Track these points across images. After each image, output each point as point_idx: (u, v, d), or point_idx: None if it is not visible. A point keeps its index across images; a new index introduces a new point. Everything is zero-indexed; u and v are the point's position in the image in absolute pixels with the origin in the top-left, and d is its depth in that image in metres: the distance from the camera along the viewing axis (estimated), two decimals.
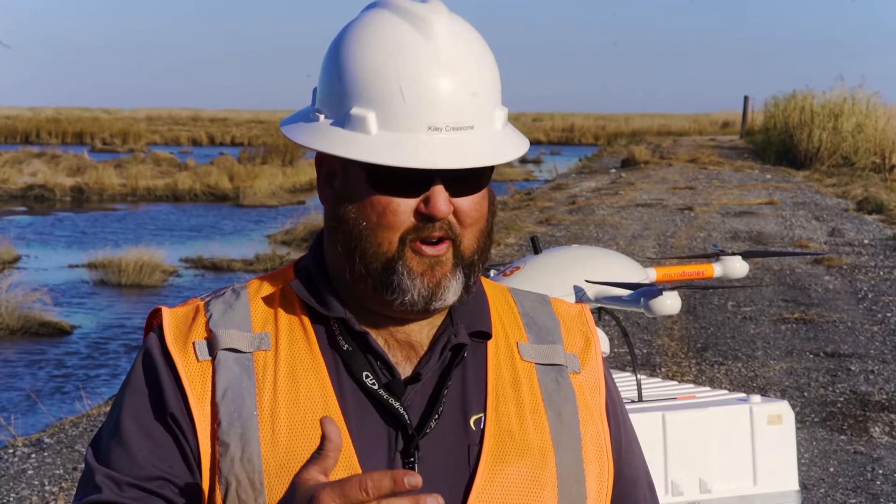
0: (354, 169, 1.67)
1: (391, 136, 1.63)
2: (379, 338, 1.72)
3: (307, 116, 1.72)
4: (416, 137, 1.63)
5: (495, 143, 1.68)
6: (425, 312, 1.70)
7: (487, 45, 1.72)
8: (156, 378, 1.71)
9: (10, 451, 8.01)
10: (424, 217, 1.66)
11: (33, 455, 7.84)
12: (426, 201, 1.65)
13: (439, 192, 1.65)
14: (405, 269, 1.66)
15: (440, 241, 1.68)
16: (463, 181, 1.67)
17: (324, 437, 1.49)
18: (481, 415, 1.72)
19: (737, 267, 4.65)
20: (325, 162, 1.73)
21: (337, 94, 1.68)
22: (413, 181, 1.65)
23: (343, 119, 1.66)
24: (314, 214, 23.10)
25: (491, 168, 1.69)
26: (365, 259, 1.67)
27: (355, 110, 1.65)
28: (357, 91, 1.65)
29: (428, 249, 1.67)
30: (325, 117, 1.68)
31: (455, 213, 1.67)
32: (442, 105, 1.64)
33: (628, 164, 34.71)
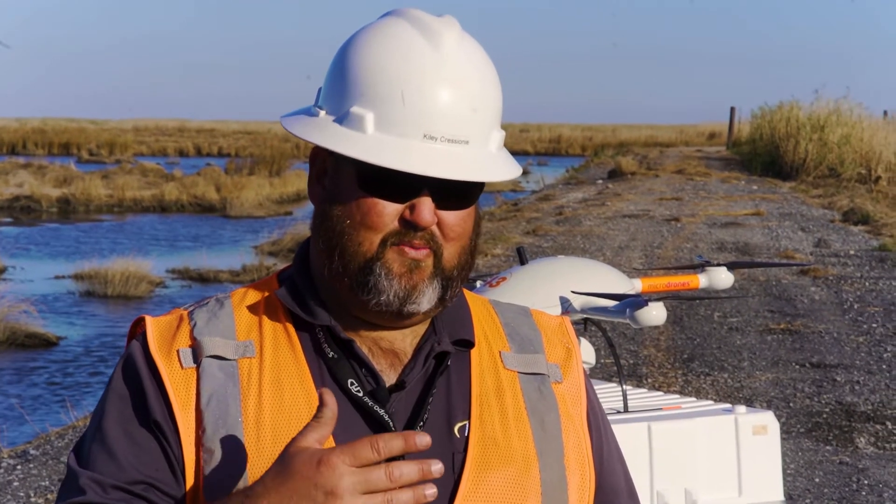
0: (346, 167, 1.69)
1: (386, 139, 1.65)
2: (363, 346, 1.73)
3: (308, 111, 1.73)
4: (410, 143, 1.65)
5: (487, 162, 1.69)
6: (399, 316, 1.70)
7: (493, 67, 1.74)
8: (139, 384, 1.71)
9: None
10: (408, 224, 1.67)
11: (19, 467, 7.82)
12: (412, 208, 1.67)
13: (425, 202, 1.66)
14: (383, 269, 1.68)
15: (422, 247, 1.69)
16: (450, 195, 1.68)
17: (321, 405, 1.52)
18: (465, 422, 1.73)
19: (722, 278, 4.67)
20: (319, 159, 1.75)
21: (339, 92, 1.69)
22: (402, 187, 1.66)
23: (342, 116, 1.68)
24: (301, 225, 23.09)
25: (480, 187, 1.71)
26: (344, 257, 1.69)
27: (355, 109, 1.66)
28: (359, 90, 1.67)
29: (410, 251, 1.68)
30: (326, 113, 1.70)
31: (439, 225, 1.69)
32: (440, 115, 1.65)
33: (615, 174, 34.77)
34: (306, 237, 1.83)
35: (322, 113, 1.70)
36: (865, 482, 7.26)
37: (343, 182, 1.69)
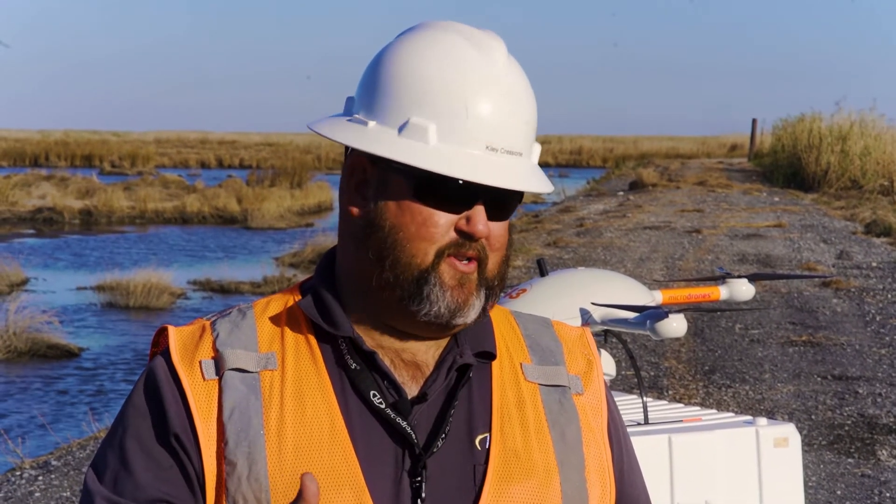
0: (396, 177, 1.69)
1: (450, 149, 1.66)
2: (385, 357, 1.74)
3: (350, 119, 1.72)
4: (473, 154, 1.67)
5: (536, 173, 1.73)
6: (446, 328, 1.72)
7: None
8: (159, 398, 1.71)
9: (18, 473, 8.02)
10: (463, 234, 1.69)
11: (41, 477, 7.85)
12: (467, 219, 1.68)
13: (480, 212, 1.69)
14: (438, 280, 1.69)
15: (470, 260, 1.70)
16: (499, 205, 1.70)
17: (300, 494, 1.55)
18: (486, 434, 1.73)
19: (743, 290, 4.65)
20: (359, 168, 1.74)
21: (391, 102, 1.69)
22: (458, 197, 1.68)
23: (400, 127, 1.68)
24: (322, 237, 23.13)
25: (521, 198, 1.73)
26: (397, 268, 1.69)
27: (415, 119, 1.67)
28: (419, 101, 1.68)
29: (461, 265, 1.70)
30: (377, 123, 1.70)
31: (487, 235, 1.71)
32: (501, 128, 1.68)
33: (636, 186, 34.74)
34: (330, 247, 1.83)
35: (372, 123, 1.70)
36: (888, 495, 7.22)
37: (394, 192, 1.70)
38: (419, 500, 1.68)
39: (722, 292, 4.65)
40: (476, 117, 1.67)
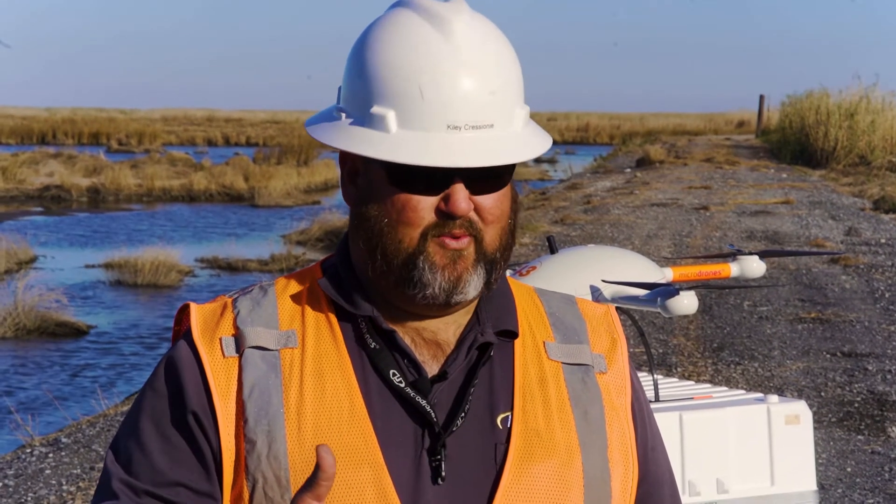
0: (375, 167, 1.68)
1: (410, 135, 1.64)
2: (406, 336, 1.73)
3: (330, 115, 1.73)
4: (435, 136, 1.64)
5: (515, 142, 1.68)
6: (446, 306, 1.70)
7: (509, 44, 1.72)
8: (178, 378, 1.71)
9: (28, 450, 8.04)
10: (445, 215, 1.66)
11: (51, 455, 7.87)
12: (446, 199, 1.66)
13: (459, 191, 1.66)
14: (427, 262, 1.67)
15: (462, 237, 1.68)
16: (483, 179, 1.67)
17: (318, 466, 1.52)
18: (508, 413, 1.72)
19: (754, 266, 4.64)
20: (349, 160, 1.74)
21: (358, 93, 1.68)
22: (433, 179, 1.65)
23: (364, 118, 1.67)
24: (329, 214, 23.13)
25: (512, 166, 1.70)
26: (386, 256, 1.68)
27: (375, 109, 1.65)
28: (377, 90, 1.66)
29: (451, 242, 1.67)
30: (347, 116, 1.69)
31: (477, 210, 1.68)
32: (460, 103, 1.64)
33: (643, 163, 34.68)
34: (345, 226, 1.82)
35: (343, 116, 1.70)
36: None
37: (375, 181, 1.69)
38: (439, 479, 1.67)
39: (732, 269, 4.64)
40: (431, 98, 1.63)
